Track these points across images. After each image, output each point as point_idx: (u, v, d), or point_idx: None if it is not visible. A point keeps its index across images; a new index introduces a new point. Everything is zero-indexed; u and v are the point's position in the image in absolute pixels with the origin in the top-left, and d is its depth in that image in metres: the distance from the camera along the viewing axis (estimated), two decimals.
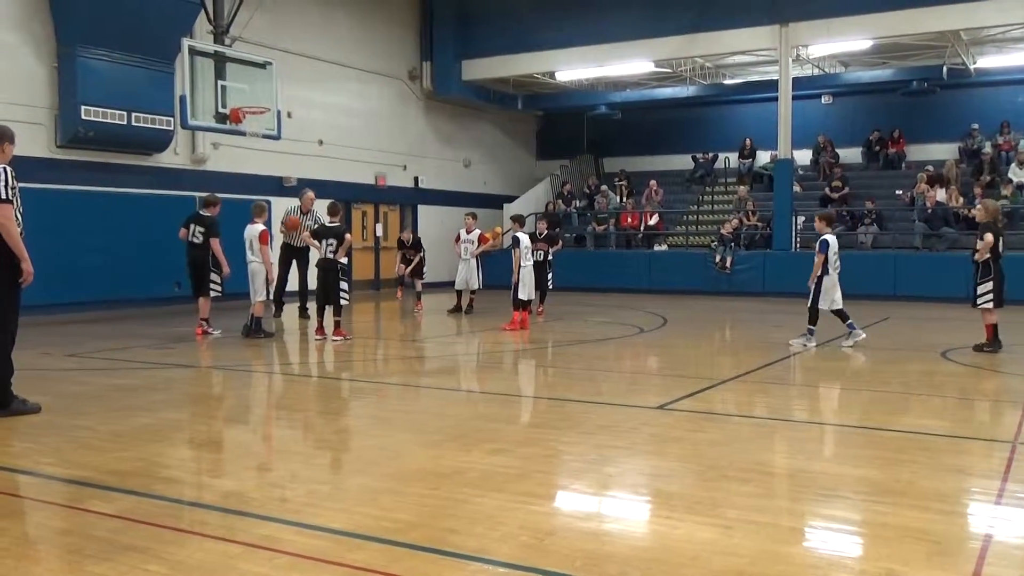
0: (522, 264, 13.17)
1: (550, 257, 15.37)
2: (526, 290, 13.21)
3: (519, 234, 13.44)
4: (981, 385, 9.02)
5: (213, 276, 12.11)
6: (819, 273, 10.86)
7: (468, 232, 15.99)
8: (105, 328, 13.49)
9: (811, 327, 11.02)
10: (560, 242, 15.87)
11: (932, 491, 4.81)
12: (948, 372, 9.49)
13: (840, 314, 11.09)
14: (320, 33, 20.32)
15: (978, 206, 10.90)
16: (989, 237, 10.19)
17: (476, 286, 15.90)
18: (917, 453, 5.68)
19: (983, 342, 10.54)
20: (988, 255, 10.25)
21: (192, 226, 12.21)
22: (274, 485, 5.00)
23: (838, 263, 11.05)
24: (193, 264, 12.25)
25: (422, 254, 16.58)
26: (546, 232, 15.58)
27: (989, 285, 10.28)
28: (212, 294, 12.21)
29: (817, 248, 10.98)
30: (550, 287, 15.28)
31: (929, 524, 4.27)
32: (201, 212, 12.36)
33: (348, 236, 11.76)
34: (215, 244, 11.97)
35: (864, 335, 11.10)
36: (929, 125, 23.30)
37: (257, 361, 10.49)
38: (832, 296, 10.94)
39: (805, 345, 10.96)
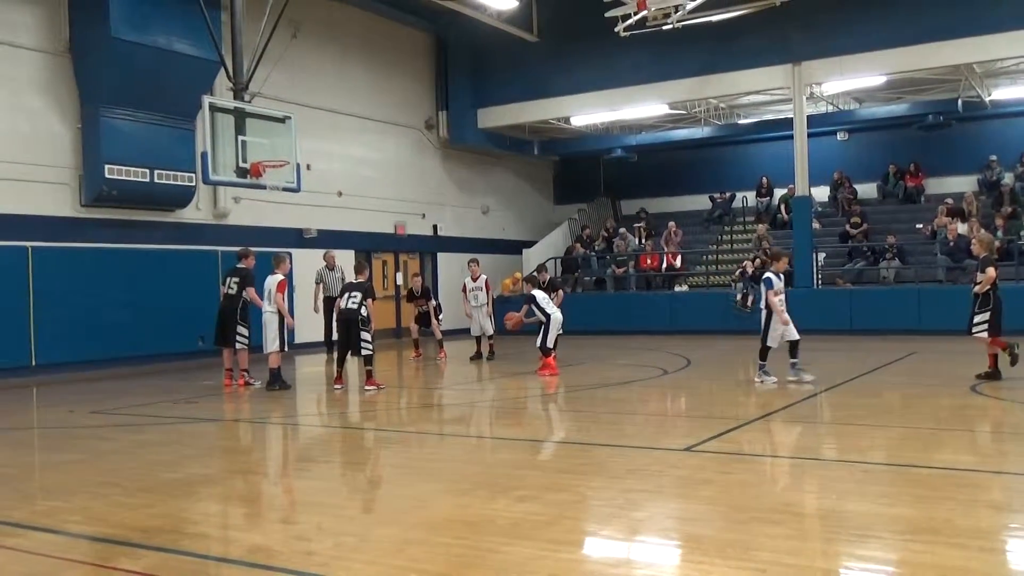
0: (549, 312, 13.20)
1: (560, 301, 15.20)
2: (552, 337, 13.22)
3: (534, 292, 13.55)
4: (1014, 419, 8.87)
5: (240, 329, 12.24)
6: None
7: (474, 279, 16.05)
8: (130, 384, 13.55)
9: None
10: (561, 291, 15.68)
11: (970, 529, 4.71)
12: (979, 406, 9.34)
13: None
14: (337, 86, 20.63)
15: (974, 241, 11.36)
16: (991, 271, 10.51)
17: (491, 331, 15.91)
18: (952, 490, 5.57)
19: (988, 370, 10.70)
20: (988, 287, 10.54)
21: (228, 278, 12.45)
22: (300, 538, 4.96)
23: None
24: (222, 314, 12.41)
25: (434, 304, 16.63)
26: (548, 280, 15.69)
27: (986, 315, 10.54)
28: (238, 346, 12.32)
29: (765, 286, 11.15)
30: (560, 331, 15.03)
31: (968, 562, 4.17)
32: (237, 265, 12.58)
33: (371, 301, 11.80)
34: (251, 292, 12.17)
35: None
36: (946, 158, 23.23)
37: (280, 413, 10.50)
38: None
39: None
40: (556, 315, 13.31)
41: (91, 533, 5.19)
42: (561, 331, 14.00)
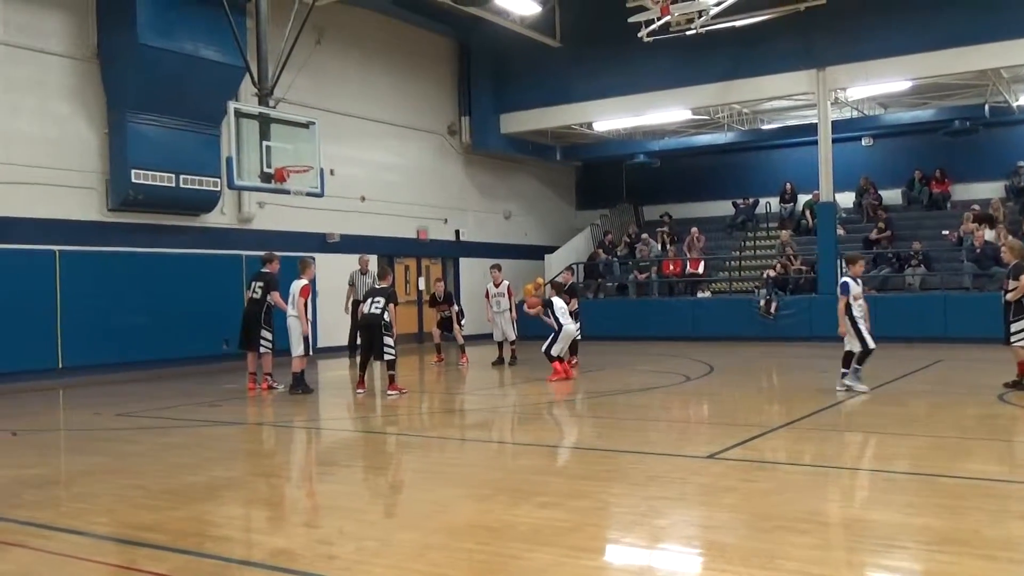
0: (563, 323, 13.20)
1: (575, 308, 15.16)
2: (559, 347, 13.20)
3: (553, 298, 13.54)
4: None
5: (264, 333, 12.32)
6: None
7: (496, 285, 16.06)
8: (155, 387, 13.66)
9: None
10: (575, 300, 15.54)
11: (998, 539, 4.65)
12: (1007, 415, 9.22)
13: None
14: (360, 92, 20.74)
15: (1004, 248, 11.20)
16: None
17: (513, 336, 15.92)
18: (980, 500, 5.51)
19: (1016, 379, 10.50)
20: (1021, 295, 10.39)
21: (253, 283, 12.57)
22: (322, 542, 4.98)
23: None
24: (246, 318, 12.52)
25: (456, 309, 16.66)
26: (569, 284, 15.68)
27: (1023, 323, 10.39)
28: (262, 350, 12.40)
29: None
30: (579, 337, 14.94)
31: (996, 574, 4.12)
32: (262, 270, 12.69)
33: (393, 306, 11.84)
34: (275, 296, 12.28)
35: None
36: (973, 164, 23.00)
37: (302, 417, 10.54)
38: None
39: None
40: (568, 327, 13.27)
41: (116, 535, 5.23)
42: (579, 336, 14.02)
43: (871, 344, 10.68)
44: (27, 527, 5.37)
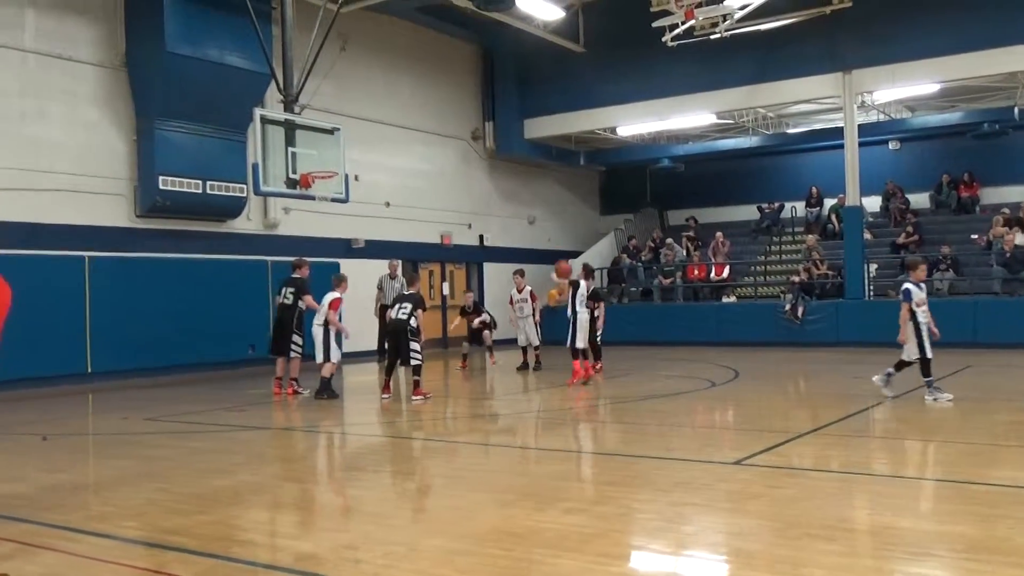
0: (578, 311, 13.09)
1: (597, 313, 15.08)
2: (581, 337, 13.10)
3: (581, 280, 13.45)
4: None
5: (295, 338, 12.41)
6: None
7: (519, 291, 16.08)
8: (182, 391, 13.78)
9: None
10: (603, 304, 15.46)
11: None
12: None
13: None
14: (385, 98, 20.84)
15: None
16: None
17: (537, 342, 15.93)
18: (1012, 507, 5.43)
19: None
20: None
21: (283, 288, 12.65)
22: (349, 547, 4.99)
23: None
24: (279, 323, 12.62)
25: (486, 319, 16.70)
26: (592, 289, 15.64)
27: None
28: (292, 355, 12.49)
29: None
30: (599, 339, 14.85)
31: None
32: (292, 275, 12.78)
33: (421, 312, 11.87)
34: (308, 299, 12.40)
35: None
36: (1002, 167, 22.72)
37: (328, 422, 10.59)
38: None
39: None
40: (582, 315, 13.12)
41: (144, 538, 5.28)
42: (600, 334, 13.94)
43: (929, 353, 10.31)
44: (56, 530, 5.43)
